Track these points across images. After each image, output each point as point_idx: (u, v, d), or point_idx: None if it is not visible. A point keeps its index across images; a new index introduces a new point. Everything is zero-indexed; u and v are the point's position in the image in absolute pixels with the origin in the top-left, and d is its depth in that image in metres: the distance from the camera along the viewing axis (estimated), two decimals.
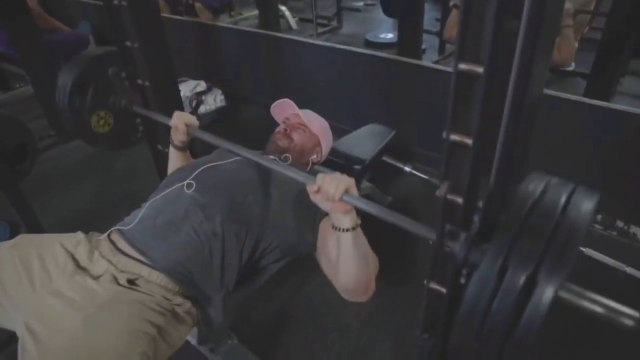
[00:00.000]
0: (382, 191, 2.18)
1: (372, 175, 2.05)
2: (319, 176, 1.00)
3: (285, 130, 1.45)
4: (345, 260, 1.06)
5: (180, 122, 1.33)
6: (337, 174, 1.00)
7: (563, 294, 0.56)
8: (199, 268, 1.10)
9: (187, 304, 1.08)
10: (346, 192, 0.97)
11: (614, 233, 1.90)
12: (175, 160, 1.45)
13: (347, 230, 1.02)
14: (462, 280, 0.69)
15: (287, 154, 1.39)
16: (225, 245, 1.11)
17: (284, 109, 1.53)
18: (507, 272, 0.55)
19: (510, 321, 0.56)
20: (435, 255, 0.76)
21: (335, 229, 1.04)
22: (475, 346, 0.60)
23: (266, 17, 3.53)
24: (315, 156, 1.49)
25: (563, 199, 0.58)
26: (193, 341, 1.47)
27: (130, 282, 1.04)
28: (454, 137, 0.60)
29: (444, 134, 0.61)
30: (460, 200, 0.66)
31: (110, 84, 1.58)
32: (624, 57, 2.33)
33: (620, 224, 1.90)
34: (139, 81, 1.56)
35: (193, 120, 1.36)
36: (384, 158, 2.31)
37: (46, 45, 2.65)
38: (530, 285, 0.54)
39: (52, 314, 0.96)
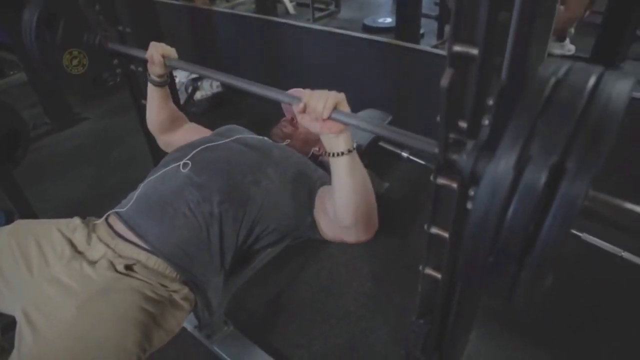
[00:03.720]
0: (379, 177, 2.17)
1: (368, 160, 2.03)
2: (305, 92, 0.92)
3: (293, 119, 1.43)
4: (343, 190, 0.99)
5: (156, 52, 1.23)
6: (325, 90, 0.90)
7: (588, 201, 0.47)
8: (197, 250, 1.07)
9: (185, 290, 1.07)
10: (336, 108, 0.89)
11: None
12: (153, 100, 1.36)
13: (342, 154, 0.95)
14: (470, 206, 0.60)
15: (289, 141, 1.37)
16: (222, 226, 1.09)
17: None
18: (528, 162, 0.46)
19: (533, 222, 0.47)
20: (430, 240, 0.75)
21: (329, 154, 0.96)
22: (491, 260, 0.52)
23: (263, 2, 3.50)
24: (317, 149, 1.47)
25: (592, 80, 0.48)
26: (190, 328, 1.47)
27: (128, 267, 1.02)
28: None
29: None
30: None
31: (84, 18, 1.43)
32: (624, 41, 2.30)
33: None
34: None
35: (171, 51, 1.26)
36: (381, 143, 2.29)
37: None
38: (556, 179, 0.46)
39: (48, 301, 0.95)
